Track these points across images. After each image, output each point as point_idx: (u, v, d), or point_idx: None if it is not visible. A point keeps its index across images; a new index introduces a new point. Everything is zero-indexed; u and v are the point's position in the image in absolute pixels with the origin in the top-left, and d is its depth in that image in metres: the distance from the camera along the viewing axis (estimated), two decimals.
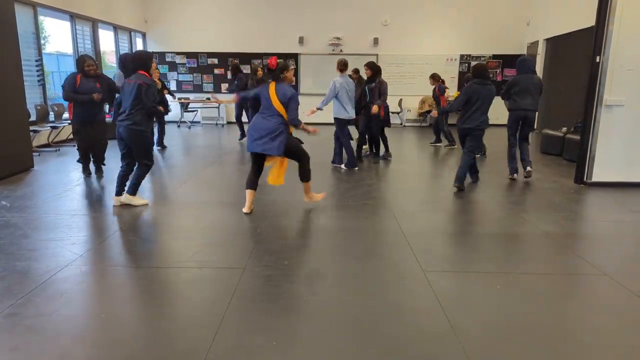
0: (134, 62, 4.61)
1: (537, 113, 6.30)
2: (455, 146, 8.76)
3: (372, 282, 3.02)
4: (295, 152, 4.47)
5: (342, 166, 6.76)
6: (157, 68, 6.90)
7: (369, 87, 7.00)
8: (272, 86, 4.32)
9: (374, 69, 7.05)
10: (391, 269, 3.25)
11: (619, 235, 4.09)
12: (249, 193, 4.50)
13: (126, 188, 4.71)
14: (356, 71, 8.15)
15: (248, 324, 2.49)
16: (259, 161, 4.51)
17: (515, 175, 6.13)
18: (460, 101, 5.57)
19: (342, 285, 2.98)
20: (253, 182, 4.52)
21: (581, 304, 2.86)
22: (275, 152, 4.30)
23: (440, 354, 2.24)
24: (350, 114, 6.56)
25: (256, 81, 7.20)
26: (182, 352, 2.25)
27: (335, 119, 6.60)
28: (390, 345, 2.31)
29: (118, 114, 4.62)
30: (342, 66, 6.52)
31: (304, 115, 4.72)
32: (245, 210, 4.48)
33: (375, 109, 6.84)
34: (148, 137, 4.73)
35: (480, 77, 5.51)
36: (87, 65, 5.83)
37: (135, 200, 4.73)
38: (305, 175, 4.57)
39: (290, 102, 4.26)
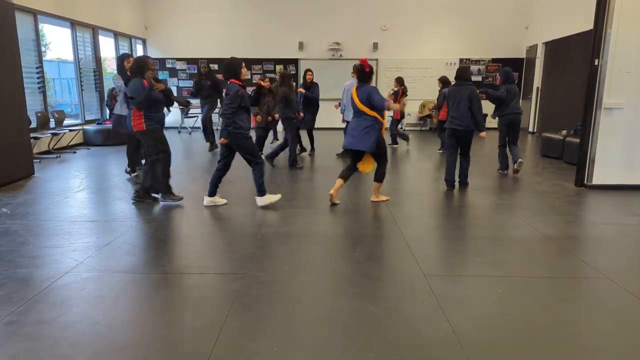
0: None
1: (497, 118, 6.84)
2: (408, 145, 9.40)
3: (373, 287, 3.02)
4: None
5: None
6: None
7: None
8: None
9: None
10: (392, 274, 3.25)
11: (620, 237, 4.08)
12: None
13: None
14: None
15: (249, 330, 2.49)
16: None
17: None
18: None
19: (343, 290, 2.97)
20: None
21: (583, 307, 2.85)
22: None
23: (441, 359, 2.23)
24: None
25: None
26: (183, 358, 2.24)
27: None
28: (390, 350, 2.30)
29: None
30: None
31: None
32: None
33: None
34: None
35: (457, 78, 5.99)
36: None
37: (268, 198, 4.94)
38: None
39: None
